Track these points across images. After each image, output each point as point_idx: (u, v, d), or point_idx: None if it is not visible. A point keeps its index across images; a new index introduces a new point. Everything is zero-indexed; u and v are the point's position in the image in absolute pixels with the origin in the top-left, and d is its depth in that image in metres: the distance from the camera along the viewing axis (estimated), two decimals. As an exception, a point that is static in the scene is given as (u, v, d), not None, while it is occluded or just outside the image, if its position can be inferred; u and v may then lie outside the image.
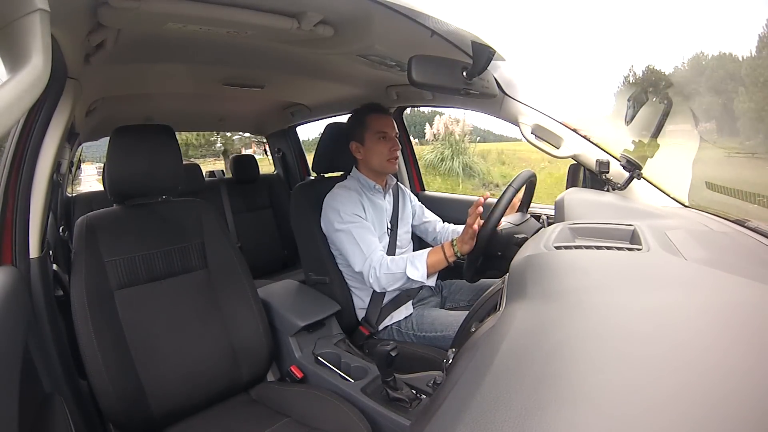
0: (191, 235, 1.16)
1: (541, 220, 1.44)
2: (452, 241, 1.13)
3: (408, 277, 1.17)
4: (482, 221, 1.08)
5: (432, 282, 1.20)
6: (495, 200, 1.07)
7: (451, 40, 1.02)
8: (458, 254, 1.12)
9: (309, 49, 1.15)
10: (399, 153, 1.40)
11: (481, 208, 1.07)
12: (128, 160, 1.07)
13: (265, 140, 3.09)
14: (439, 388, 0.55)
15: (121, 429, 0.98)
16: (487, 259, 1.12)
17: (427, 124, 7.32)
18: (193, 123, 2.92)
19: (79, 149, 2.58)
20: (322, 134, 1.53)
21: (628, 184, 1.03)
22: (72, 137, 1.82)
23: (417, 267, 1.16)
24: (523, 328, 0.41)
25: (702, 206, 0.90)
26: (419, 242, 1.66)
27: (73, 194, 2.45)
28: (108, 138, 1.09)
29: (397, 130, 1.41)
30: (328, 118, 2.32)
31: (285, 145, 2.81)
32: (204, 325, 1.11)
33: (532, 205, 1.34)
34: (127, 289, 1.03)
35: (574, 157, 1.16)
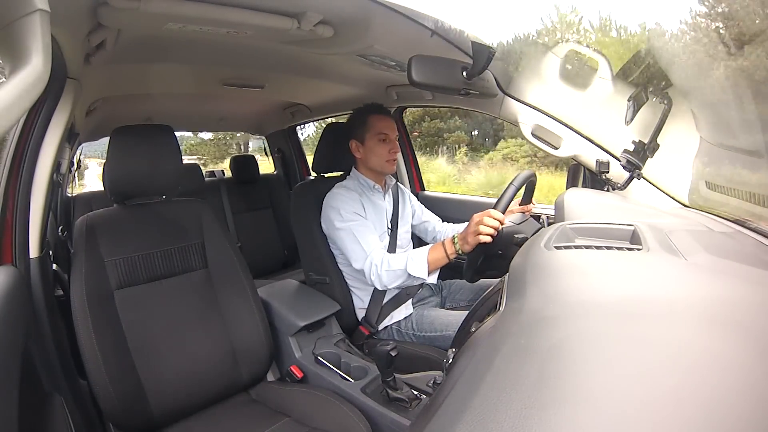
0: (191, 235, 1.16)
1: (541, 220, 1.44)
2: (453, 237, 1.12)
3: (409, 274, 1.17)
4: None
5: (433, 279, 1.20)
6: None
7: (451, 40, 1.02)
8: (459, 251, 1.11)
9: (309, 49, 1.15)
10: (399, 154, 1.41)
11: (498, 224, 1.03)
12: (128, 160, 1.07)
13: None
14: (439, 388, 0.55)
15: (121, 429, 0.98)
16: (487, 259, 1.12)
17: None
18: (193, 123, 2.92)
19: (80, 149, 2.59)
20: (322, 134, 1.53)
21: (628, 184, 1.03)
22: (72, 137, 1.82)
23: (417, 263, 1.16)
24: (523, 328, 0.41)
25: (702, 206, 0.90)
26: (419, 242, 1.66)
27: (74, 194, 2.45)
28: (108, 138, 1.09)
29: (397, 131, 1.41)
30: (328, 118, 2.32)
31: (285, 145, 2.82)
32: (204, 325, 1.11)
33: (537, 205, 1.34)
34: (127, 289, 1.03)
35: (574, 157, 1.16)
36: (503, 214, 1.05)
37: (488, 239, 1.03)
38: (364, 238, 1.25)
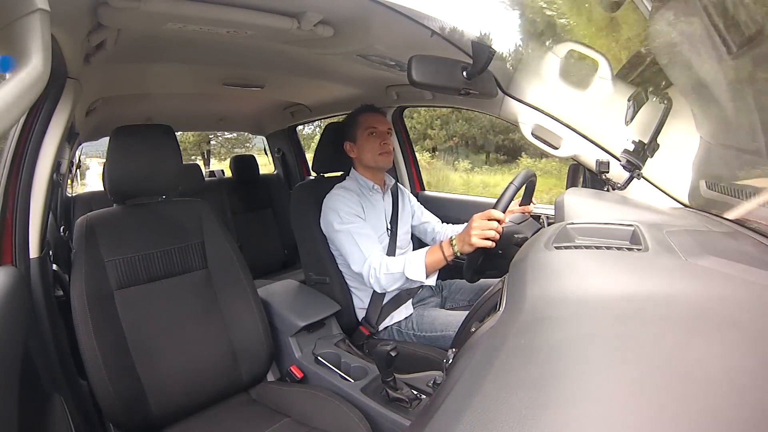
0: (191, 235, 1.16)
1: (541, 220, 1.44)
2: (451, 239, 1.11)
3: (407, 277, 1.17)
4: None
5: (432, 281, 1.19)
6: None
7: (451, 40, 1.02)
8: (458, 253, 1.10)
9: (309, 49, 1.15)
10: (399, 155, 1.41)
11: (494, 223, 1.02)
12: (128, 160, 1.07)
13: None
14: (439, 388, 0.55)
15: (121, 429, 0.98)
16: (487, 259, 1.12)
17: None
18: (193, 123, 2.92)
19: (80, 149, 2.59)
20: (322, 134, 1.53)
21: (628, 184, 1.02)
22: (72, 137, 1.83)
23: (415, 266, 1.15)
24: (523, 328, 0.41)
25: (702, 206, 0.90)
26: (419, 243, 1.66)
27: (74, 194, 2.46)
28: (108, 138, 1.09)
29: (392, 127, 1.41)
30: (328, 118, 2.32)
31: (285, 145, 2.82)
32: (204, 325, 1.11)
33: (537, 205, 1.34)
34: (127, 289, 1.03)
35: (574, 157, 1.15)
36: (503, 213, 1.04)
37: (491, 244, 1.02)
38: (362, 241, 1.25)
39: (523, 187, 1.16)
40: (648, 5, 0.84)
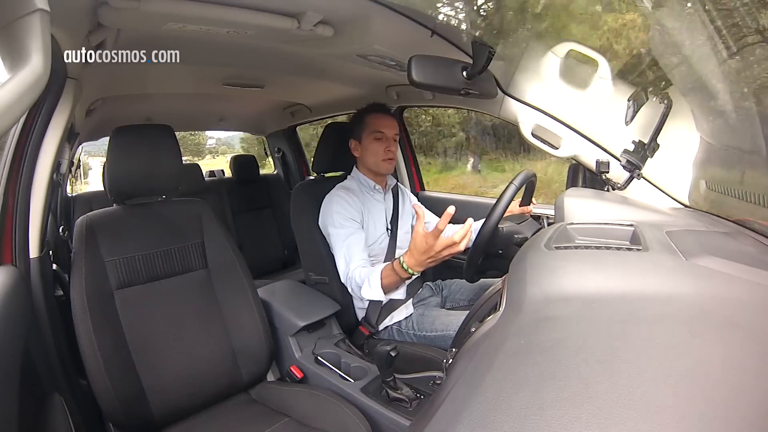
0: (191, 235, 1.16)
1: (541, 220, 1.43)
2: (401, 261, 1.04)
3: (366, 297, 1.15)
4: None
5: (400, 295, 1.19)
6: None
7: (451, 40, 1.02)
8: (410, 271, 1.04)
9: (309, 49, 1.15)
10: (399, 154, 1.40)
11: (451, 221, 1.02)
12: (128, 160, 1.07)
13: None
14: (439, 388, 0.55)
15: (121, 429, 0.98)
16: (487, 259, 1.12)
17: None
18: (193, 123, 2.93)
19: (80, 148, 2.59)
20: (322, 134, 1.53)
21: (628, 184, 1.02)
22: (72, 137, 1.83)
23: (371, 286, 1.12)
24: (523, 328, 0.41)
25: (702, 206, 0.90)
26: (419, 242, 1.65)
27: (74, 194, 2.46)
28: (108, 138, 1.09)
29: (398, 132, 1.41)
30: (328, 118, 2.32)
31: (285, 145, 2.82)
32: (204, 325, 1.11)
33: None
34: (127, 289, 1.03)
35: (574, 157, 1.15)
36: (503, 213, 1.04)
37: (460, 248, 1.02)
38: (349, 249, 1.24)
39: (523, 187, 1.15)
40: (648, 4, 0.84)
